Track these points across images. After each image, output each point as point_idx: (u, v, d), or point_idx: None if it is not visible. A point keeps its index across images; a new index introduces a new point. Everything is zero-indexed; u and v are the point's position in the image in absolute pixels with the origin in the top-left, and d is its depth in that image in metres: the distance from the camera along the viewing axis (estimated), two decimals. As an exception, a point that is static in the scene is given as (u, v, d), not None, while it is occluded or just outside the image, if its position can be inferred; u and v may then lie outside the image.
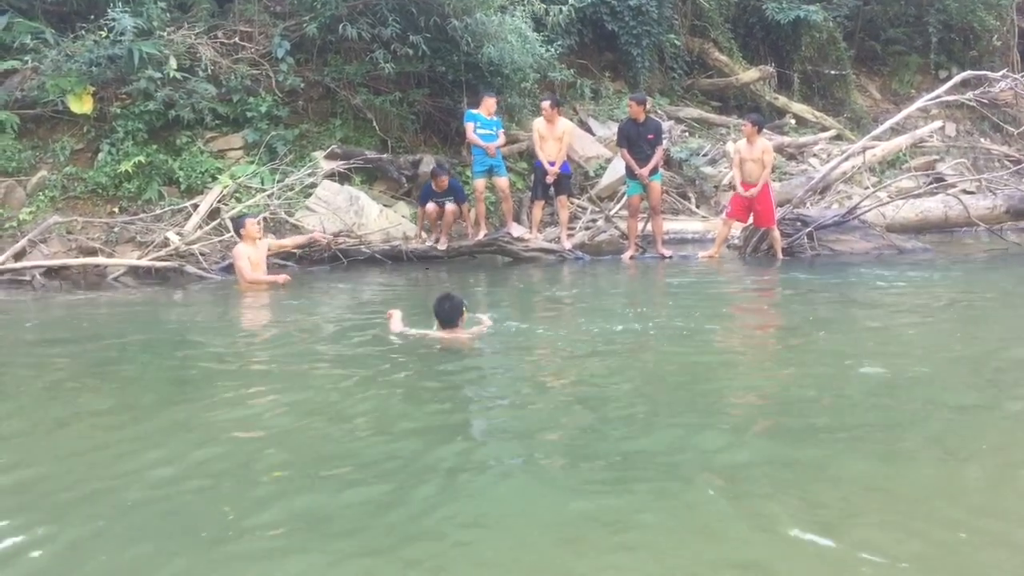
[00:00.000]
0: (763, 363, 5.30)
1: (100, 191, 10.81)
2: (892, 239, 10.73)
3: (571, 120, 12.85)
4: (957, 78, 13.18)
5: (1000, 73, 13.74)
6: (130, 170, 10.70)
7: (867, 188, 12.30)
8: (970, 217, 11.38)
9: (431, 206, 10.83)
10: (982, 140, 18.84)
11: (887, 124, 13.35)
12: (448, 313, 5.40)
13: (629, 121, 10.89)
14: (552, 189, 10.99)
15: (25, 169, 10.73)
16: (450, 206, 10.83)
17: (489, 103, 10.87)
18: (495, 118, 10.99)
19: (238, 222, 9.17)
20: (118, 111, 10.92)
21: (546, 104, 10.92)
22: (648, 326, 6.19)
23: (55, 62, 10.60)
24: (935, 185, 13.30)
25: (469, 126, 11.02)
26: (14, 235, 10.11)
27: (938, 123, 16.92)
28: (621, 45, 15.70)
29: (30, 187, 10.62)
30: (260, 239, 9.03)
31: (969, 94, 13.30)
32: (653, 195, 10.84)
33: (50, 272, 9.64)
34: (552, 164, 10.77)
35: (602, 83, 15.79)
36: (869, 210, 11.14)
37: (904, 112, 13.56)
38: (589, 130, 14.44)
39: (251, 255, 8.77)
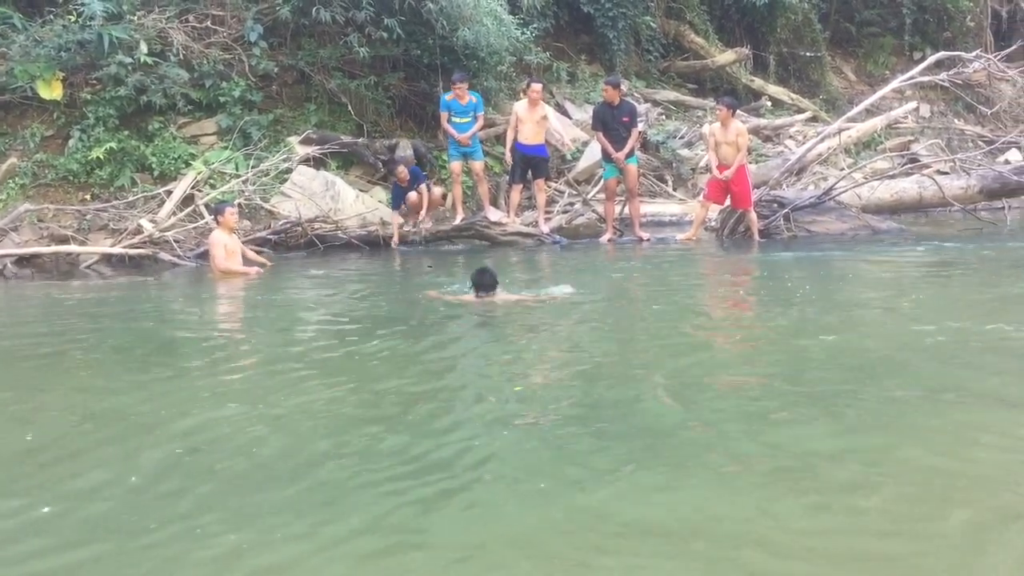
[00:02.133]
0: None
1: (71, 178, 10.67)
2: (868, 219, 10.79)
3: (548, 103, 12.78)
4: (931, 59, 13.26)
5: (973, 54, 13.82)
6: (102, 157, 10.56)
7: (843, 169, 12.35)
8: (944, 197, 11.44)
9: (414, 197, 10.79)
10: (956, 121, 18.98)
11: (862, 105, 13.42)
12: (487, 281, 6.39)
13: (604, 104, 10.86)
14: (530, 172, 10.96)
15: (-6, 156, 10.57)
16: (437, 189, 10.89)
17: (459, 91, 10.77)
18: (472, 100, 10.91)
19: (218, 208, 9.05)
20: (88, 97, 10.77)
21: (538, 87, 10.87)
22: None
23: (23, 47, 10.43)
24: (910, 166, 13.40)
25: (443, 116, 10.96)
26: (-16, 223, 9.97)
27: (912, 104, 17.00)
28: (597, 27, 15.64)
29: (0, 175, 10.46)
30: (236, 229, 8.95)
31: (943, 75, 13.36)
32: (630, 178, 10.83)
33: (21, 261, 9.52)
34: (538, 146, 10.78)
35: (578, 66, 15.72)
36: (845, 191, 11.19)
37: (879, 93, 13.65)
38: (565, 113, 14.39)
39: (227, 243, 8.69)
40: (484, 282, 6.41)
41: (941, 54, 13.63)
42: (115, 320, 6.65)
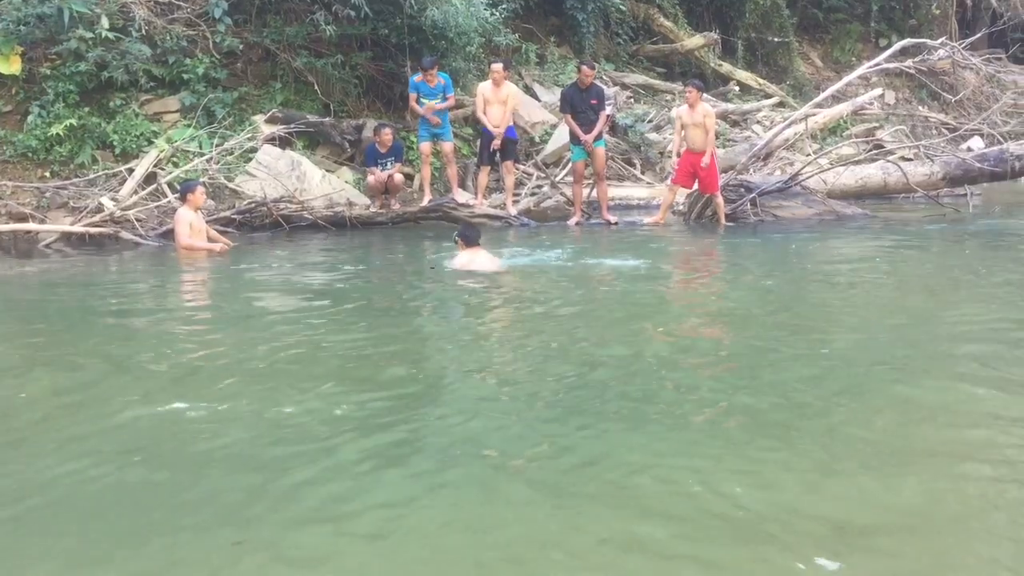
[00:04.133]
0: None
1: (30, 155, 10.44)
2: (833, 205, 10.89)
3: (516, 85, 12.73)
4: (896, 46, 13.36)
5: (939, 41, 13.94)
6: (61, 133, 10.35)
7: (809, 155, 12.42)
8: (908, 184, 11.55)
9: (372, 180, 10.74)
10: (920, 108, 19.19)
11: (828, 91, 13.49)
12: (474, 235, 7.36)
13: (573, 87, 10.83)
14: (498, 155, 10.91)
15: (-50, 132, 10.32)
16: (398, 176, 10.79)
17: (429, 77, 10.69)
18: (441, 82, 10.83)
19: (187, 186, 8.84)
20: (48, 72, 10.54)
21: (499, 67, 10.78)
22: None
23: (-20, 20, 10.18)
24: (875, 152, 13.50)
25: (412, 97, 10.89)
26: (-61, 200, 9.74)
27: (878, 91, 17.18)
28: (567, 10, 15.59)
29: (-44, 151, 10.23)
30: (202, 208, 8.83)
31: (908, 62, 13.50)
32: (597, 161, 10.80)
33: (-22, 239, 9.33)
34: (497, 128, 10.68)
35: (547, 48, 15.68)
36: (811, 176, 11.27)
37: (845, 80, 13.74)
38: (534, 95, 14.34)
39: (193, 221, 8.57)
40: (472, 235, 7.33)
41: (907, 41, 13.72)
42: (71, 299, 6.55)
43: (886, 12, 20.59)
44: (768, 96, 17.14)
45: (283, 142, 11.27)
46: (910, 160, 12.31)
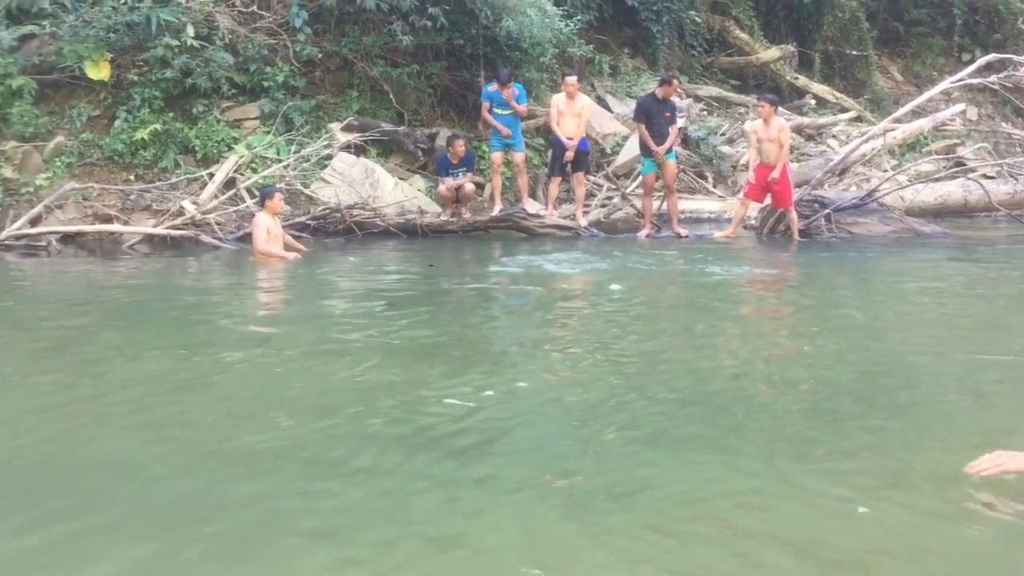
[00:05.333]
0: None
1: (116, 158, 10.80)
2: (911, 223, 10.64)
3: (589, 96, 12.73)
4: (981, 61, 13.00)
5: (1024, 57, 13.55)
6: (146, 138, 10.68)
7: (886, 171, 12.17)
8: (990, 202, 11.26)
9: (443, 189, 10.85)
10: (1004, 124, 18.63)
11: (909, 106, 13.21)
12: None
13: (650, 97, 10.79)
14: (569, 165, 10.94)
15: (42, 135, 10.70)
16: (469, 186, 10.89)
17: (507, 92, 10.77)
18: (515, 92, 10.89)
19: (266, 192, 9.04)
20: (135, 78, 10.89)
21: (573, 79, 10.83)
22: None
23: (73, 28, 10.56)
24: (955, 169, 13.18)
25: (484, 106, 10.99)
26: (31, 200, 10.11)
27: (960, 106, 16.72)
28: (641, 21, 15.54)
29: (47, 153, 10.62)
30: (280, 214, 9.01)
31: (993, 77, 13.11)
32: (668, 174, 10.75)
33: (65, 238, 9.66)
34: (570, 140, 10.71)
35: (621, 59, 15.64)
36: (888, 193, 11.05)
37: (926, 95, 13.42)
38: (607, 106, 14.33)
39: (270, 227, 8.74)
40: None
41: (991, 56, 13.34)
42: (153, 295, 6.78)
43: (970, 26, 20.06)
44: (845, 110, 16.84)
45: (358, 150, 11.45)
46: (992, 178, 11.99)
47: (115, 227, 9.91)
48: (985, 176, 12.07)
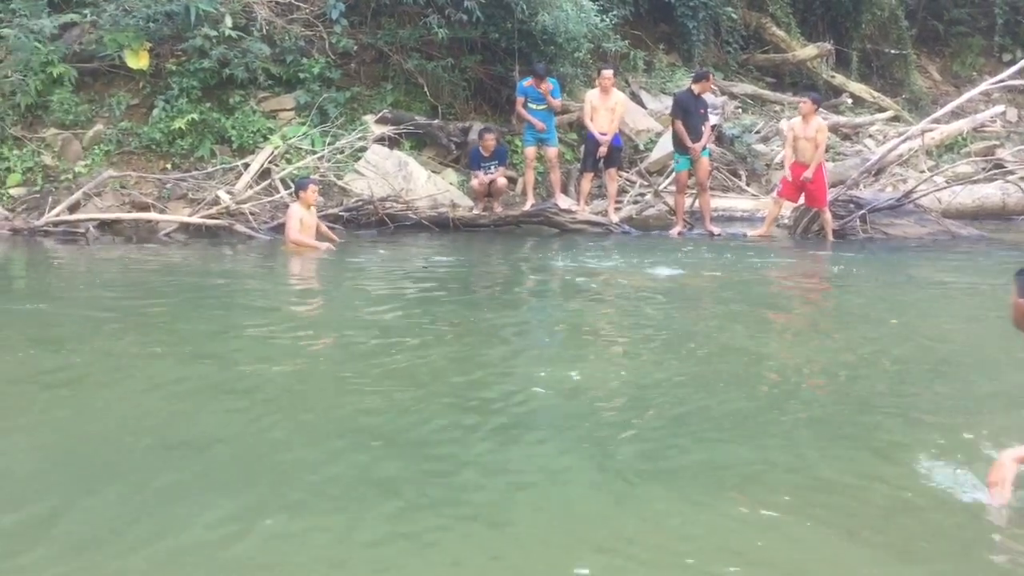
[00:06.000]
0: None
1: (154, 147, 10.91)
2: (947, 225, 10.50)
3: (623, 92, 12.68)
4: (1022, 62, 12.81)
5: (1068, 58, 13.33)
6: (183, 127, 10.78)
7: (923, 172, 12.03)
8: (1029, 205, 11.09)
9: (476, 183, 10.85)
10: (1045, 127, 18.32)
11: (947, 107, 13.04)
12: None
13: (687, 92, 10.72)
14: (602, 161, 10.91)
15: (82, 122, 10.85)
16: (501, 180, 10.87)
17: (543, 86, 10.76)
18: (549, 86, 10.86)
19: (300, 183, 9.10)
20: (173, 68, 10.99)
21: (609, 72, 10.81)
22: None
23: (113, 17, 10.68)
24: (994, 171, 12.98)
25: (519, 101, 10.99)
26: (69, 187, 10.26)
27: (1000, 108, 16.48)
28: (677, 17, 15.45)
29: (86, 140, 10.76)
30: (314, 205, 9.07)
31: (1034, 79, 12.92)
32: (701, 171, 10.67)
33: (103, 225, 9.81)
34: (604, 135, 10.68)
35: (656, 55, 15.56)
36: (925, 195, 10.91)
37: (966, 95, 13.26)
38: (640, 103, 14.26)
39: (304, 217, 8.81)
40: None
41: (1034, 57, 13.17)
42: (221, 282, 7.12)
43: (1011, 26, 19.73)
44: (882, 110, 16.63)
45: (391, 142, 11.48)
46: (1032, 181, 11.81)
47: (152, 215, 10.03)
48: (1024, 179, 11.87)
